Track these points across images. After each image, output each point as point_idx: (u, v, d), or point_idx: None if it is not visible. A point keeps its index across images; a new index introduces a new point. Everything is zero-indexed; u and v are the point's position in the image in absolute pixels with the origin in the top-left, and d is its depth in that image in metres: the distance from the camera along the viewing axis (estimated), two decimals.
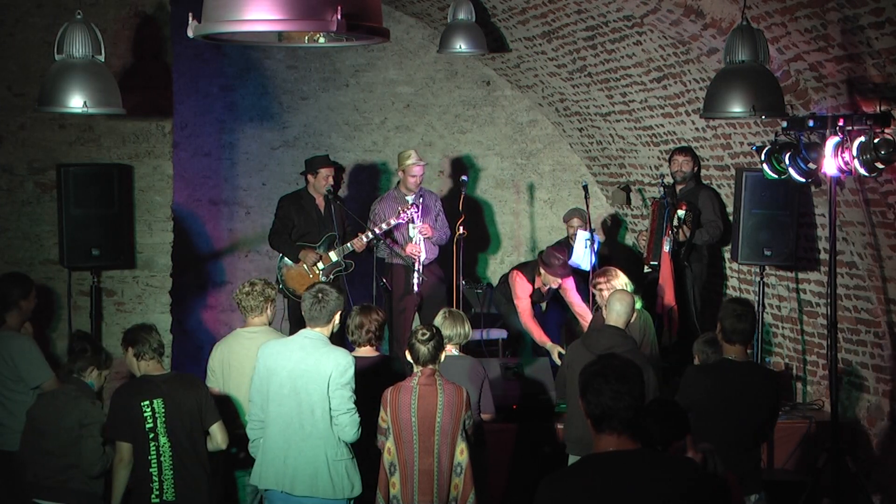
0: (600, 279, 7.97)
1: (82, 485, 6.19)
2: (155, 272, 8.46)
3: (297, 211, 9.41)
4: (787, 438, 8.07)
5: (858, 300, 8.03)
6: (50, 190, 8.16)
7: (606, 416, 3.78)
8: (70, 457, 6.16)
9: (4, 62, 8.11)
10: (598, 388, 3.80)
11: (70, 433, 6.14)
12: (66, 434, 6.14)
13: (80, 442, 6.14)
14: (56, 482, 6.17)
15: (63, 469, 6.17)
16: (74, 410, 6.16)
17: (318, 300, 6.06)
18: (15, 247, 8.21)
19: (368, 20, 3.83)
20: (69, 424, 6.14)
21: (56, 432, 6.17)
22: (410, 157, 9.60)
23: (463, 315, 7.03)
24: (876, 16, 6.11)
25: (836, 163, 6.79)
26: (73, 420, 6.15)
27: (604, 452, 3.79)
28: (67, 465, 6.17)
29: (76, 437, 6.14)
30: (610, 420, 3.78)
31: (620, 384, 3.80)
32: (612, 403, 3.77)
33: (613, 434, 3.79)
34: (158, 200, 8.47)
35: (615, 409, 3.78)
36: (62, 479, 6.16)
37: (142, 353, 6.16)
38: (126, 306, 8.41)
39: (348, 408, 5.95)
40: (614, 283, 7.80)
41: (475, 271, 11.34)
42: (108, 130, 8.30)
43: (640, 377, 3.87)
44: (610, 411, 3.78)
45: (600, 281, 7.95)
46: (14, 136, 8.17)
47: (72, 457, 6.16)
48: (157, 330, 6.34)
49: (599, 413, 3.79)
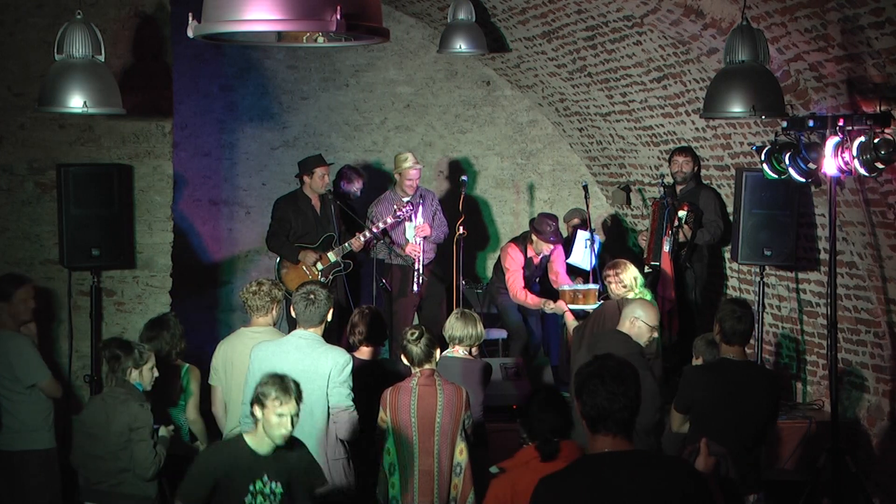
0: (610, 271, 7.90)
1: (135, 488, 6.18)
2: (155, 272, 8.46)
3: (294, 212, 9.39)
4: (787, 438, 8.07)
5: (858, 300, 8.03)
6: (50, 190, 8.15)
7: (602, 418, 3.78)
8: (121, 461, 6.13)
9: (4, 62, 8.10)
10: (593, 389, 3.80)
11: (120, 437, 6.11)
12: (116, 438, 6.11)
13: (130, 446, 6.12)
14: (108, 486, 6.15)
15: (115, 473, 6.15)
16: (124, 414, 6.13)
17: (311, 301, 6.06)
18: (15, 247, 8.21)
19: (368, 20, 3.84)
20: (119, 429, 6.11)
21: (106, 436, 6.13)
22: (407, 161, 9.61)
23: (476, 316, 6.94)
24: (876, 16, 6.11)
25: (836, 163, 6.79)
26: (123, 424, 6.11)
27: (599, 453, 3.79)
28: (119, 469, 6.14)
29: (126, 442, 6.12)
30: (605, 421, 3.78)
31: (616, 385, 3.79)
32: (608, 405, 3.77)
33: (609, 435, 3.79)
34: (158, 200, 8.46)
35: (610, 411, 3.77)
36: (114, 483, 6.15)
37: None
38: (126, 306, 8.40)
39: (347, 405, 5.96)
40: (623, 277, 7.78)
41: (475, 271, 11.34)
42: (108, 130, 8.30)
43: (636, 378, 3.86)
44: (605, 412, 3.77)
45: (609, 273, 7.88)
46: (14, 136, 8.17)
47: (123, 461, 6.13)
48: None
49: (595, 414, 3.79)
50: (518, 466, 5.01)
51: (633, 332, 6.63)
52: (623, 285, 7.79)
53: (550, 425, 5.01)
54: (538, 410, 5.07)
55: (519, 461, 5.04)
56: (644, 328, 6.64)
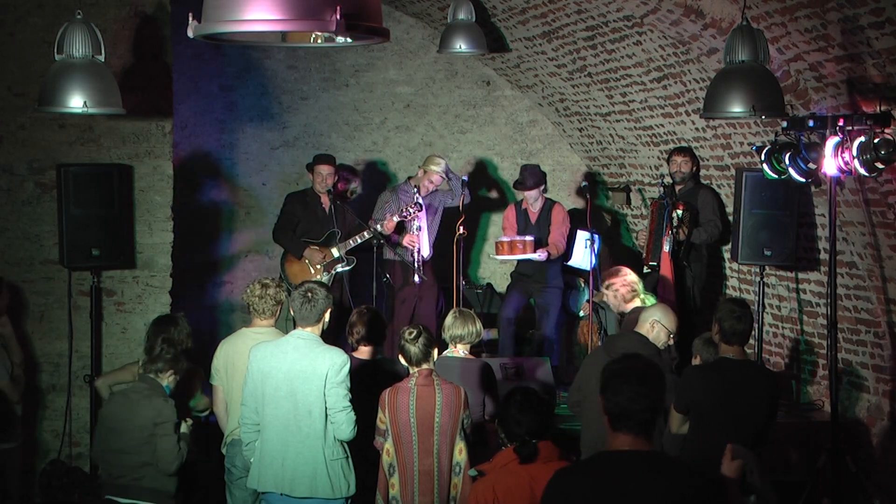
0: (614, 279, 7.86)
1: (156, 482, 6.20)
2: (155, 272, 8.47)
3: (303, 208, 9.57)
4: (787, 438, 8.06)
5: (858, 300, 8.03)
6: (50, 190, 8.16)
7: (623, 416, 3.81)
8: (144, 455, 6.15)
9: (4, 62, 8.11)
10: (617, 387, 3.83)
11: (143, 432, 6.13)
12: (139, 433, 6.14)
13: (154, 440, 6.14)
14: (130, 480, 6.18)
15: (137, 467, 6.17)
16: (147, 409, 6.15)
17: (308, 300, 6.05)
18: (15, 247, 8.21)
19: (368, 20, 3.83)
20: (142, 423, 6.13)
21: (130, 431, 6.15)
22: (439, 166, 9.77)
23: (473, 314, 7.00)
24: (876, 16, 6.11)
25: (836, 163, 6.79)
26: (147, 419, 6.14)
27: (617, 451, 3.82)
28: (142, 463, 6.17)
29: (150, 436, 6.14)
30: (626, 420, 3.81)
31: (640, 386, 3.82)
32: (630, 405, 3.80)
33: (630, 434, 3.81)
34: (158, 200, 8.46)
35: (632, 411, 3.80)
36: (136, 477, 6.17)
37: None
38: (126, 306, 8.41)
39: (344, 406, 5.96)
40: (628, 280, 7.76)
41: (475, 271, 11.34)
42: (108, 130, 8.30)
43: (662, 379, 3.89)
44: (626, 412, 3.80)
45: (614, 281, 7.85)
46: (14, 136, 8.17)
47: (145, 455, 6.15)
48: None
49: (617, 412, 3.82)
50: (497, 469, 5.03)
51: (651, 335, 6.65)
52: (631, 289, 7.75)
53: (527, 427, 5.02)
54: (515, 412, 5.07)
55: (498, 464, 5.05)
56: (663, 332, 6.67)
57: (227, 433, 6.81)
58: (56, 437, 8.24)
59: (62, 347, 8.22)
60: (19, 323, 8.02)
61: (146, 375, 6.31)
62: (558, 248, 9.74)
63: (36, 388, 8.19)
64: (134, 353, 7.91)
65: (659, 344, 6.67)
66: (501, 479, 4.95)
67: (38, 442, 8.24)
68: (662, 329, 6.66)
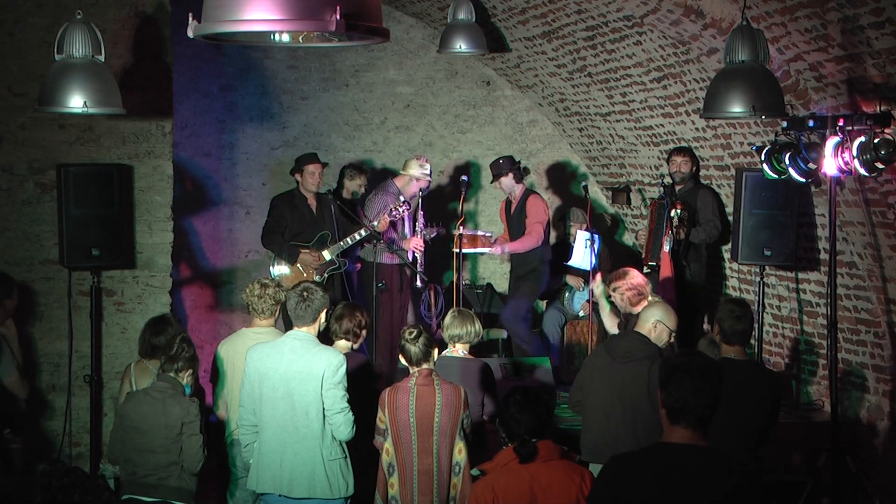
0: (620, 282, 7.74)
1: (181, 481, 6.21)
2: (155, 272, 8.46)
3: (290, 210, 9.38)
4: (788, 438, 8.06)
5: (858, 300, 8.03)
6: (50, 190, 8.15)
7: (684, 411, 3.89)
8: (172, 454, 6.16)
9: (4, 62, 8.10)
10: (680, 381, 3.90)
11: (172, 431, 6.13)
12: (168, 432, 6.13)
13: (182, 439, 6.14)
14: (157, 479, 6.17)
15: (164, 466, 6.17)
16: (175, 408, 6.14)
17: (304, 299, 6.05)
18: (15, 247, 8.21)
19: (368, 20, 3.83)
20: (171, 422, 6.13)
21: (157, 429, 6.14)
22: (424, 170, 9.72)
23: (472, 313, 6.99)
24: (876, 16, 6.11)
25: (836, 163, 6.79)
26: (176, 418, 6.13)
27: (675, 443, 3.90)
28: (169, 462, 6.17)
29: (178, 435, 6.14)
30: (686, 415, 3.89)
31: (702, 381, 3.90)
32: (692, 399, 3.87)
33: (688, 428, 3.89)
34: (158, 200, 8.46)
35: (693, 405, 3.88)
36: (163, 476, 6.17)
37: None
38: (126, 306, 8.41)
39: (342, 406, 5.95)
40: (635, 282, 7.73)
41: (475, 271, 11.34)
42: (108, 130, 8.30)
43: (721, 378, 3.96)
44: (688, 406, 3.88)
45: (620, 284, 7.73)
46: (14, 136, 8.17)
47: (173, 454, 6.16)
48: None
49: (679, 406, 3.89)
50: (497, 468, 5.04)
51: (653, 335, 6.64)
52: (637, 292, 7.69)
53: (527, 426, 5.04)
54: (515, 411, 5.08)
55: (498, 463, 5.06)
56: (665, 331, 6.67)
57: (228, 433, 6.81)
58: (56, 437, 8.24)
59: (62, 347, 8.22)
60: (22, 324, 8.01)
61: (167, 375, 6.29)
62: (524, 242, 9.69)
63: (36, 388, 8.19)
64: (134, 354, 7.91)
65: (661, 343, 6.67)
66: (501, 478, 4.96)
67: (39, 442, 8.24)
68: (664, 329, 6.66)
